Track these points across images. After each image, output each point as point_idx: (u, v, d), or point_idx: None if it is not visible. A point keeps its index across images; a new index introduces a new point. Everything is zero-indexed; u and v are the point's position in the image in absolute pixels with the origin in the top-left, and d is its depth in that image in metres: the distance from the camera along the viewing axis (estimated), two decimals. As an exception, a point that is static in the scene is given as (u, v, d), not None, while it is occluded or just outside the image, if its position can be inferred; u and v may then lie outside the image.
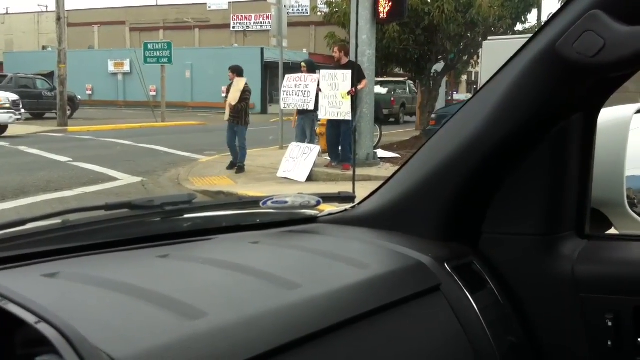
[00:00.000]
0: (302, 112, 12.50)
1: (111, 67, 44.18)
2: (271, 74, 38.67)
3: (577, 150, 1.38)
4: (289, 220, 1.59)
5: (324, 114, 11.49)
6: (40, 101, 28.29)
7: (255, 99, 38.51)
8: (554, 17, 1.24)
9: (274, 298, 1.04)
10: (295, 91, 12.30)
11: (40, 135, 19.92)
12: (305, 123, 12.56)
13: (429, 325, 1.23)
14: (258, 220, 1.59)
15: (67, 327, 0.78)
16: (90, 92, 43.23)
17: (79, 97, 31.99)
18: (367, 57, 11.79)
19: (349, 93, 10.98)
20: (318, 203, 1.53)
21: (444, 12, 16.79)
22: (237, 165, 12.02)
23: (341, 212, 1.63)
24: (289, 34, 16.36)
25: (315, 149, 11.45)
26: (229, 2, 53.18)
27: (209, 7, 54.11)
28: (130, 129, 22.64)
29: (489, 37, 16.66)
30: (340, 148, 11.73)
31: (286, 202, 1.50)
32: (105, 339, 0.80)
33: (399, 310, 1.18)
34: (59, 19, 23.31)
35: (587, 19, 1.14)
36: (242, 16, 52.22)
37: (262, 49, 40.17)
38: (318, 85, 11.50)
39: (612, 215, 1.70)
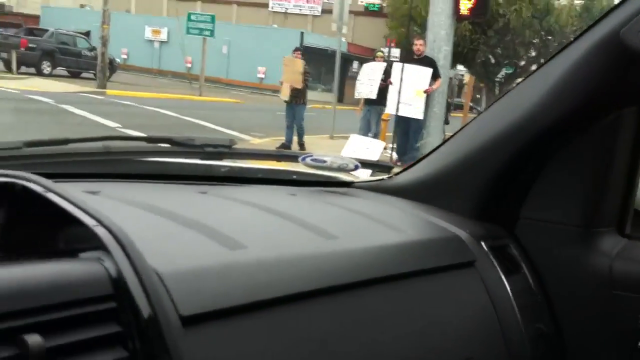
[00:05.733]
0: (369, 103, 11.97)
1: (148, 34, 43.54)
2: (309, 59, 38.20)
3: (627, 145, 1.35)
4: (325, 182, 1.60)
5: (392, 109, 10.93)
6: (80, 60, 27.83)
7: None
8: (619, 4, 1.19)
9: (311, 244, 1.05)
10: (366, 80, 11.80)
11: (81, 96, 19.46)
12: (372, 115, 12.03)
13: (460, 298, 1.22)
14: (294, 177, 1.58)
15: (119, 231, 0.77)
16: (125, 57, 42.57)
17: (118, 60, 31.59)
18: (443, 53, 11.23)
19: (425, 91, 10.42)
20: (356, 167, 1.55)
21: (522, 15, 16.07)
22: (299, 144, 12.54)
23: (378, 180, 1.62)
24: (328, 22, 15.99)
25: (380, 144, 10.87)
26: (271, -18, 52.68)
27: (250, -15, 53.57)
28: (170, 99, 22.14)
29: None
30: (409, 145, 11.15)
31: (325, 162, 1.52)
32: (146, 254, 0.78)
33: (433, 278, 1.18)
34: (105, -22, 22.83)
35: None
36: (282, -3, 51.65)
37: (302, 33, 39.48)
38: (388, 77, 10.97)
39: None
